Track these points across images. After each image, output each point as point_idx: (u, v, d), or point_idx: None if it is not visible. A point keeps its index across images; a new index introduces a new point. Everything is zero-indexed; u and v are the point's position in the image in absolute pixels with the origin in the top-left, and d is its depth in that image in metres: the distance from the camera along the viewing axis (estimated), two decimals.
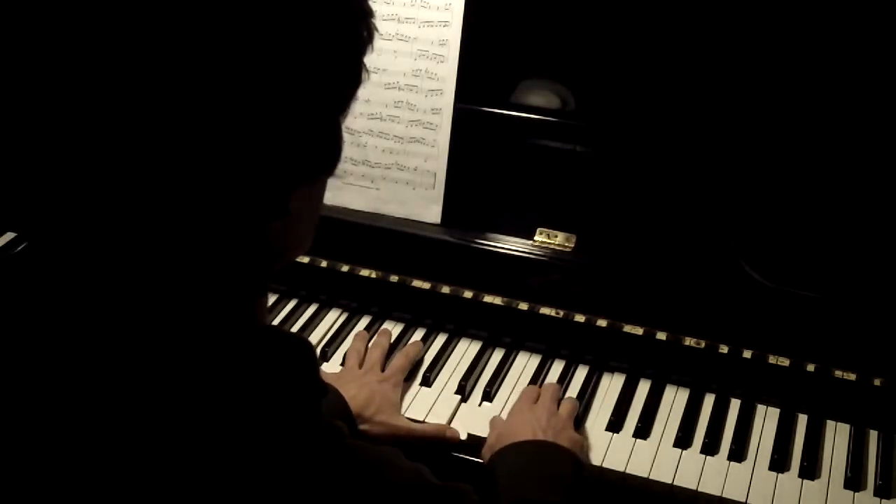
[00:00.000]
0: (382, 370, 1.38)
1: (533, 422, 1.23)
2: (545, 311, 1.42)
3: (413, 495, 0.69)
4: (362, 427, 1.26)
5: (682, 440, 1.30)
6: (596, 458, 1.27)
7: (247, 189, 0.63)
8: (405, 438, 1.29)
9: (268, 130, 0.62)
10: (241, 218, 0.64)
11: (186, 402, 0.63)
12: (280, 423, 0.65)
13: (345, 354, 1.43)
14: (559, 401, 1.32)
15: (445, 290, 1.46)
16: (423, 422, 1.33)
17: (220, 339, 0.66)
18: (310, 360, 0.71)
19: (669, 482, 1.24)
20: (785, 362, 1.33)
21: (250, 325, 0.71)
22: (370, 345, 1.44)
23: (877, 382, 1.30)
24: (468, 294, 1.45)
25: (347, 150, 1.47)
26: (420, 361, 1.44)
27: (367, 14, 0.67)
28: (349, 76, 0.67)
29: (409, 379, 1.40)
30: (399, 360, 1.40)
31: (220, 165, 0.62)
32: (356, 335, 1.46)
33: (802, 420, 1.34)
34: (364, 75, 0.68)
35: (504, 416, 1.33)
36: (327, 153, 0.68)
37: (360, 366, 1.39)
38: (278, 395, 0.66)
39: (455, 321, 1.50)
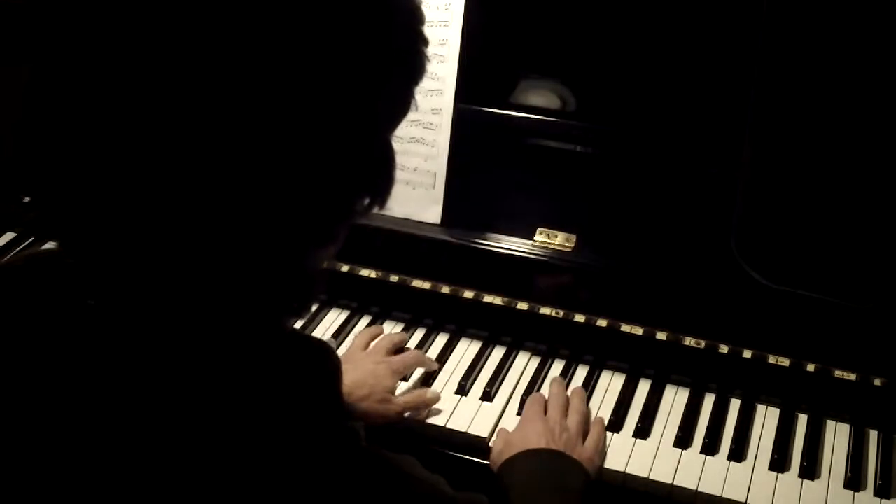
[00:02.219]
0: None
1: (546, 432, 1.22)
2: (545, 311, 1.42)
3: (431, 502, 0.69)
4: (352, 408, 1.25)
5: (682, 440, 1.30)
6: None
7: (300, 218, 0.63)
8: (393, 420, 1.30)
9: (324, 162, 0.62)
10: (291, 245, 0.65)
11: (212, 407, 0.64)
12: (301, 428, 0.65)
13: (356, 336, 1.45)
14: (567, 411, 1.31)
15: (446, 290, 1.46)
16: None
17: (250, 347, 0.67)
18: (333, 365, 0.71)
19: (669, 482, 1.24)
20: (785, 362, 1.33)
21: (279, 333, 0.71)
22: (384, 335, 1.44)
23: (877, 382, 1.30)
24: (468, 294, 1.45)
25: None
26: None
27: (425, 43, 0.68)
28: (403, 105, 0.68)
29: (409, 379, 1.40)
30: (410, 354, 1.41)
31: (272, 196, 0.61)
32: (373, 326, 1.47)
33: (802, 420, 1.33)
34: (414, 104, 0.68)
35: (504, 416, 1.34)
36: (382, 183, 0.68)
37: (365, 349, 1.40)
38: (301, 401, 0.67)
39: (455, 321, 1.50)
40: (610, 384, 1.40)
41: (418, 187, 1.45)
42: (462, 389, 1.38)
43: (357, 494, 0.66)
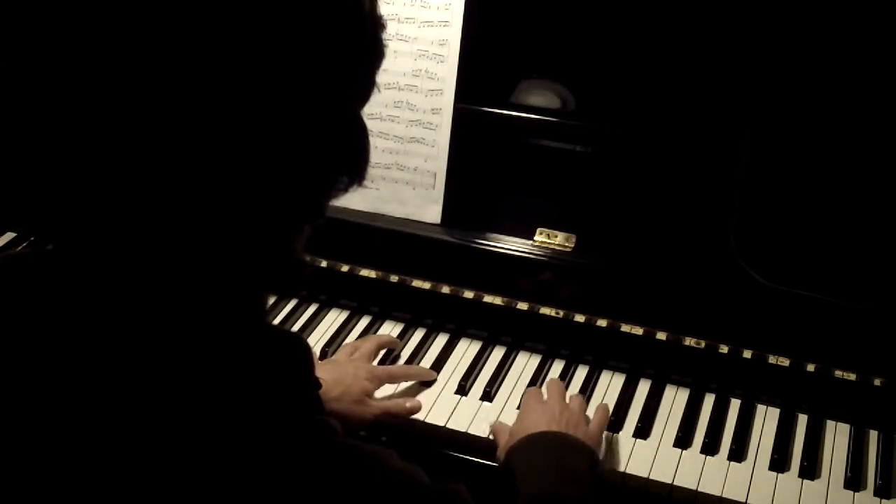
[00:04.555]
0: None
1: (547, 415, 1.22)
2: (545, 311, 1.42)
3: (403, 494, 0.69)
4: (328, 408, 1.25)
5: (682, 440, 1.30)
6: None
7: (278, 194, 0.65)
8: (368, 422, 1.29)
9: (292, 135, 0.64)
10: (275, 221, 0.66)
11: (184, 398, 0.64)
12: (272, 420, 0.66)
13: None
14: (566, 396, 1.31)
15: (445, 290, 1.46)
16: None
17: (227, 337, 0.67)
18: (306, 358, 0.71)
19: (669, 482, 1.24)
20: (785, 362, 1.33)
21: (257, 324, 0.72)
22: (371, 336, 1.44)
23: (877, 382, 1.30)
24: (468, 294, 1.45)
25: None
26: (420, 361, 1.44)
27: (383, 28, 0.70)
28: (368, 87, 0.71)
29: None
30: (399, 367, 1.41)
31: (247, 170, 0.63)
32: (368, 336, 1.46)
33: (802, 420, 1.33)
34: (376, 87, 0.72)
35: (504, 416, 1.33)
36: (357, 157, 0.71)
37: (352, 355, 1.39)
38: (273, 394, 0.67)
39: (455, 321, 1.50)
40: (610, 384, 1.40)
41: (418, 187, 1.45)
42: (462, 389, 1.38)
43: (329, 487, 0.66)
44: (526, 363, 1.44)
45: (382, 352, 1.44)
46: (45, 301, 0.67)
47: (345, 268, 1.51)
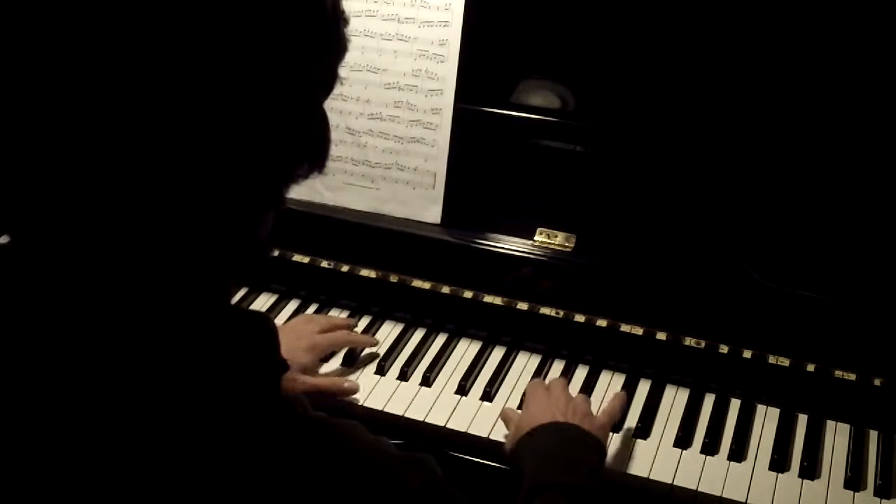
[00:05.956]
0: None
1: (552, 407, 1.21)
2: (545, 311, 1.42)
3: (373, 464, 0.70)
4: None
5: (682, 440, 1.30)
6: None
7: (240, 181, 0.66)
8: (301, 392, 1.30)
9: (254, 125, 0.65)
10: (237, 208, 0.68)
11: (152, 379, 0.65)
12: (240, 398, 0.67)
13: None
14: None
15: (445, 290, 1.46)
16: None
17: (193, 319, 0.68)
18: (270, 337, 0.72)
19: (669, 482, 1.24)
20: (785, 362, 1.33)
21: (222, 306, 0.73)
22: (327, 316, 1.47)
23: (877, 382, 1.30)
24: (468, 294, 1.45)
25: (347, 150, 1.48)
26: (420, 361, 1.44)
27: (346, 23, 0.71)
28: (330, 80, 0.72)
29: (409, 378, 1.41)
30: (340, 332, 1.42)
31: (210, 160, 0.64)
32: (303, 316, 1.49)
33: (802, 420, 1.33)
34: (339, 77, 0.73)
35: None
36: (317, 146, 0.72)
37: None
38: (240, 372, 0.68)
39: (455, 321, 1.50)
40: (610, 384, 1.40)
41: (418, 187, 1.45)
42: (462, 389, 1.38)
43: (299, 461, 0.67)
44: (526, 363, 1.44)
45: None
46: (8, 292, 0.67)
47: (345, 268, 1.51)
